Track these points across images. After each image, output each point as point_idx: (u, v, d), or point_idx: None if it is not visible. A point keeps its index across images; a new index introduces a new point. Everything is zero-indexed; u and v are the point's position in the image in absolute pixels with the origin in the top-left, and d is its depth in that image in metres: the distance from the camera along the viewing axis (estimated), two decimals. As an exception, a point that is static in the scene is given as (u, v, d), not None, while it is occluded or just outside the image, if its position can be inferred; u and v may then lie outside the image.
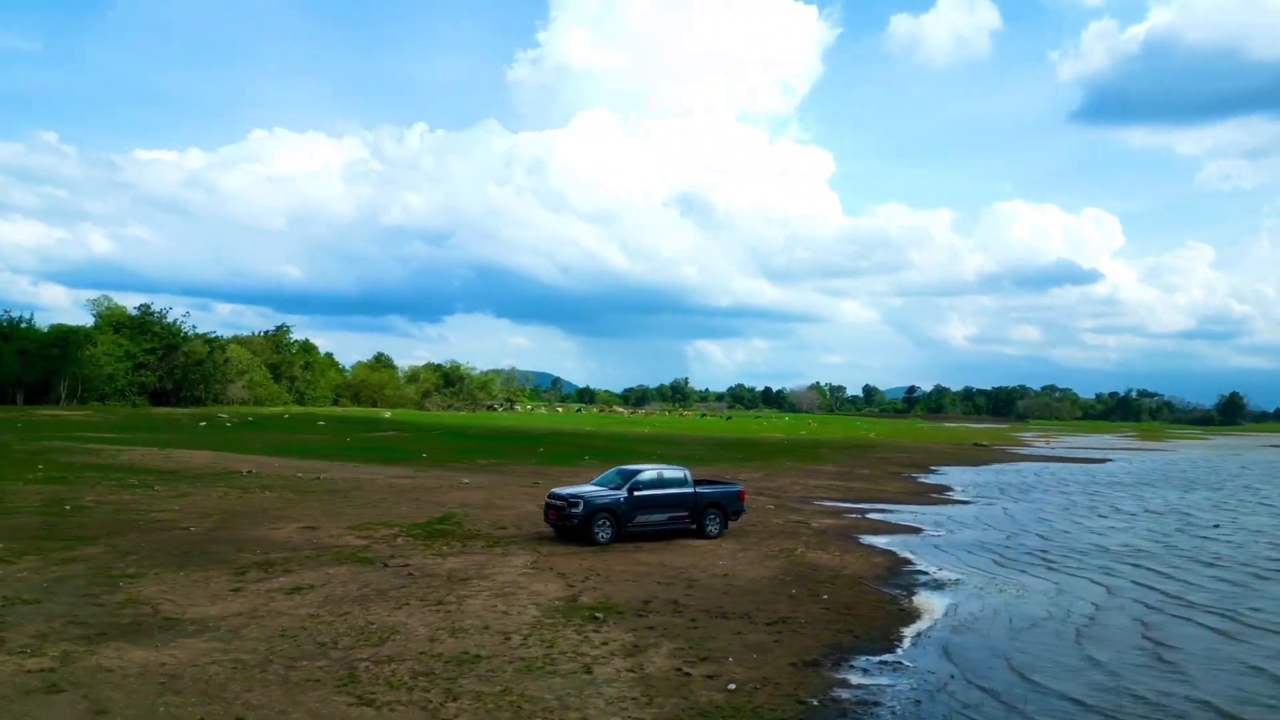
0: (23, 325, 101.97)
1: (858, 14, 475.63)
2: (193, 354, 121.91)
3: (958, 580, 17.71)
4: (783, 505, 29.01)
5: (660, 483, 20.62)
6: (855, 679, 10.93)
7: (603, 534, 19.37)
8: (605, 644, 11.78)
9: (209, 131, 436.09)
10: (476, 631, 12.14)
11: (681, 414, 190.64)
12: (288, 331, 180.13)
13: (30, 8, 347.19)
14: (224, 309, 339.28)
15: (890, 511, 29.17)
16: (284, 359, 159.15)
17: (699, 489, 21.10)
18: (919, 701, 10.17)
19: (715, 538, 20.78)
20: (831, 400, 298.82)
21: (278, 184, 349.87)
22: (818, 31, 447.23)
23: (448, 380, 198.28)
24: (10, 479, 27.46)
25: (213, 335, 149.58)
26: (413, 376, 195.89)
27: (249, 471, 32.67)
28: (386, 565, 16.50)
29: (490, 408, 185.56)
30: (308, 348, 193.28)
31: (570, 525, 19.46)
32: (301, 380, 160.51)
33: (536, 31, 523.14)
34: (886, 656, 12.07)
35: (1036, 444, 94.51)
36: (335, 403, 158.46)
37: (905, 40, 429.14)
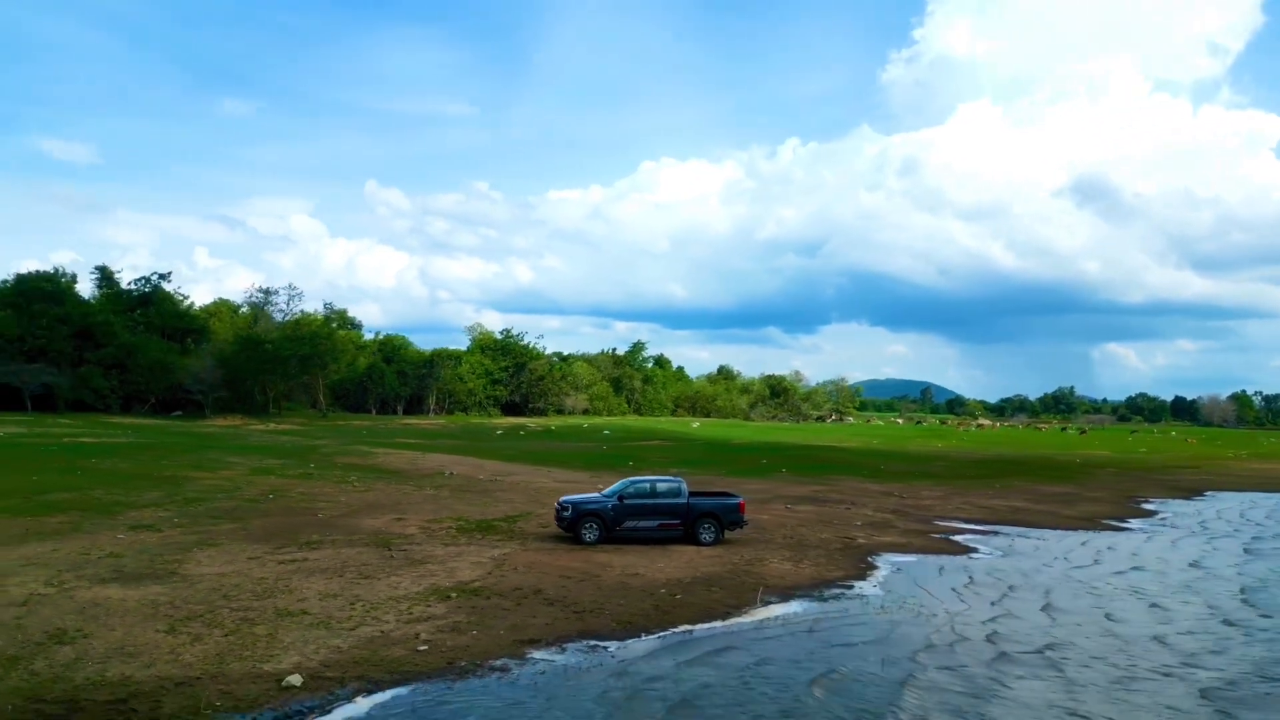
0: (401, 349, 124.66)
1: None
2: (536, 371, 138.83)
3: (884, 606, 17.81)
4: (862, 522, 28.90)
5: (651, 493, 22.75)
6: (543, 656, 12.98)
7: (589, 535, 22.05)
8: (417, 611, 14.91)
9: (607, 168, 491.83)
10: (342, 598, 15.90)
11: (1039, 427, 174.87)
12: (642, 348, 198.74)
13: (469, 81, 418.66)
14: (622, 327, 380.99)
15: (983, 534, 27.73)
16: (625, 373, 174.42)
17: (693, 500, 22.81)
18: None
19: (710, 545, 22.34)
20: (1263, 412, 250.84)
21: (663, 210, 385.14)
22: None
23: (774, 392, 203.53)
24: (267, 473, 36.63)
25: (560, 354, 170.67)
26: (745, 388, 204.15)
27: (451, 473, 39.53)
28: (390, 550, 20.82)
29: (820, 419, 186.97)
30: (661, 362, 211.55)
31: (564, 526, 22.43)
32: (641, 393, 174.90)
33: (912, 29, 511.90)
34: (592, 641, 13.77)
35: None
36: (674, 413, 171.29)
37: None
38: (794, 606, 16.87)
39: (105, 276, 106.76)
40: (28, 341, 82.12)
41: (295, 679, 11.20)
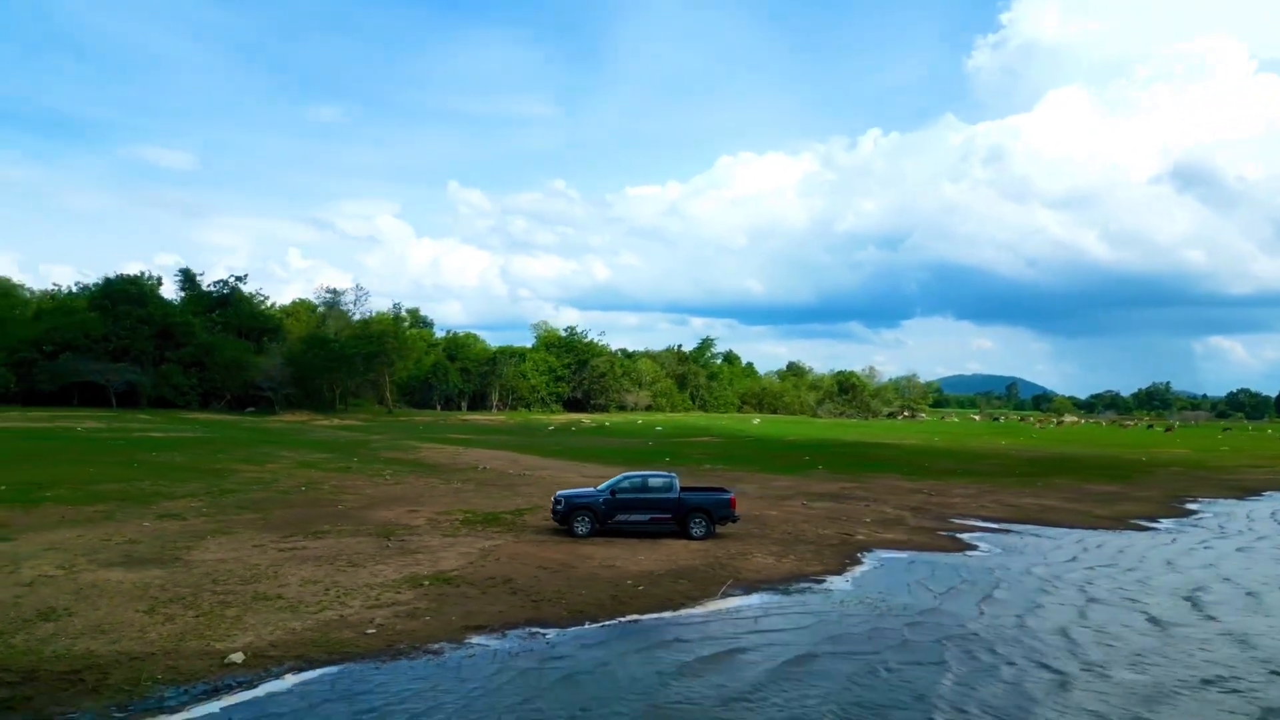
0: (465, 347, 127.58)
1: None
2: (597, 367, 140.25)
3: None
4: (877, 519, 28.82)
5: (642, 488, 23.25)
6: (484, 639, 13.68)
7: (581, 528, 22.70)
8: (385, 598, 15.80)
9: (683, 164, 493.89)
10: (321, 584, 16.90)
11: (1124, 424, 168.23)
12: (710, 344, 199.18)
13: (549, 80, 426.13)
14: (698, 323, 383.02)
15: (992, 531, 27.39)
16: (689, 370, 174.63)
17: (684, 495, 23.22)
18: None
19: (700, 539, 22.75)
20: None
21: (740, 205, 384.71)
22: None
23: (842, 388, 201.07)
24: (310, 466, 38.37)
25: (625, 350, 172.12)
26: (814, 384, 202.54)
27: (485, 468, 40.73)
28: (389, 540, 21.83)
29: (892, 415, 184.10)
30: (730, 358, 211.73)
31: (558, 519, 23.13)
32: (706, 389, 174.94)
33: (999, 14, 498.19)
34: (536, 628, 14.37)
35: None
36: (740, 409, 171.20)
37: None
38: (753, 599, 17.19)
39: (188, 279, 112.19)
40: (113, 341, 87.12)
41: (238, 657, 12.13)
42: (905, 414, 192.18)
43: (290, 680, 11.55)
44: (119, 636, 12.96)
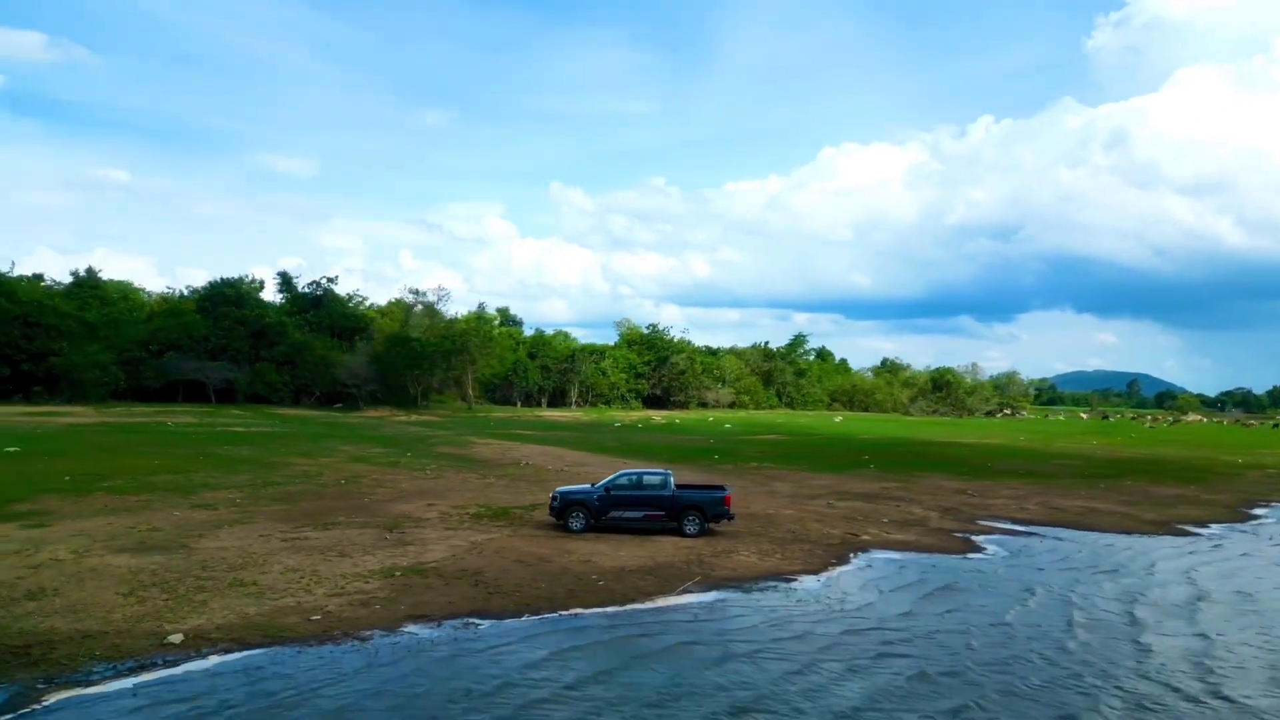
0: (546, 345, 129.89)
1: None
2: (677, 364, 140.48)
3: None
4: (901, 519, 28.28)
5: (637, 485, 23.52)
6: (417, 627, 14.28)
7: (575, 523, 23.15)
8: (351, 587, 16.63)
9: (785, 157, 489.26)
10: (301, 572, 17.86)
11: (1247, 424, 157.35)
12: (803, 340, 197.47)
13: (650, 78, 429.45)
14: (801, 318, 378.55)
15: (1007, 531, 26.53)
16: (775, 367, 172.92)
17: (679, 492, 23.38)
18: None
19: (694, 536, 22.89)
20: None
21: (844, 197, 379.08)
22: None
23: (936, 385, 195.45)
24: (362, 460, 40.07)
25: (709, 348, 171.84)
26: (908, 381, 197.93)
27: (527, 464, 41.69)
28: (390, 532, 22.75)
29: (990, 414, 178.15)
30: (823, 355, 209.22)
31: (554, 515, 23.64)
32: (794, 386, 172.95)
33: None
34: (474, 619, 14.85)
35: None
36: (829, 407, 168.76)
37: None
38: (709, 596, 17.31)
39: (285, 281, 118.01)
40: (212, 341, 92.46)
41: (177, 638, 13.06)
42: (1006, 412, 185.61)
43: (212, 661, 12.38)
44: (86, 616, 14.10)
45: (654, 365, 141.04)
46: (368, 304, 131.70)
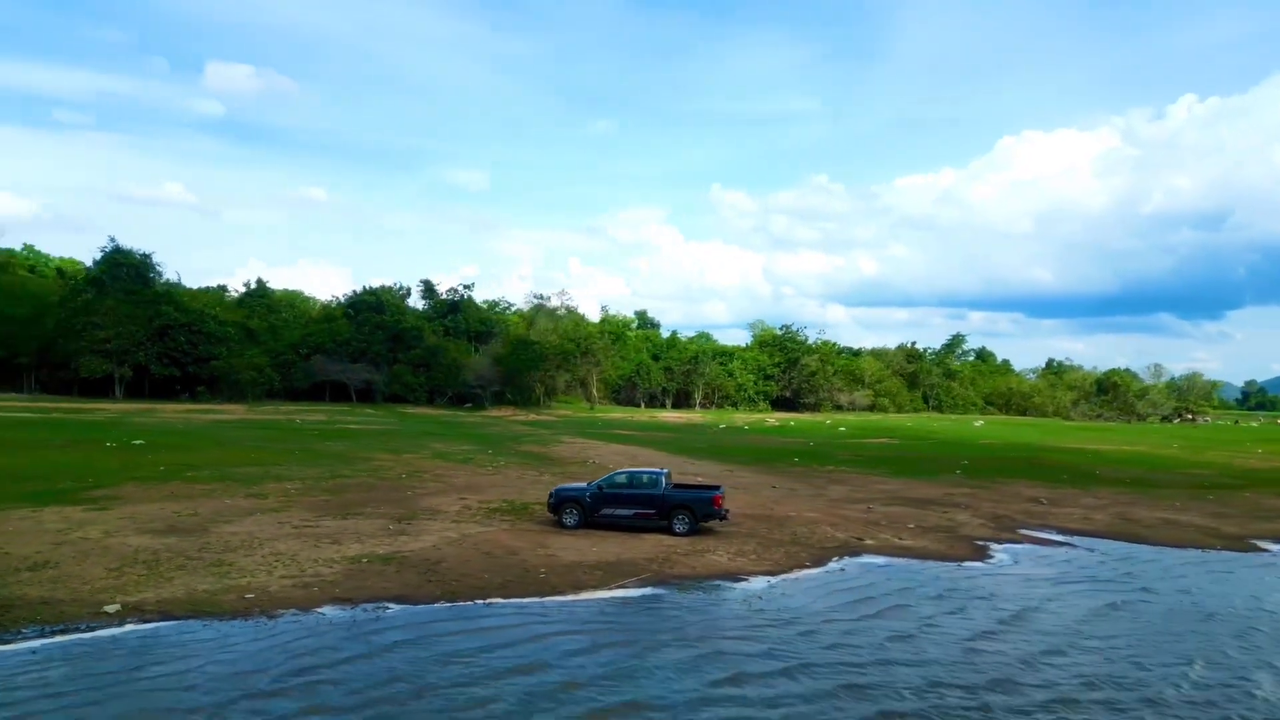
0: (669, 347, 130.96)
1: None
2: (808, 366, 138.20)
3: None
4: (929, 527, 27.13)
5: (630, 484, 23.85)
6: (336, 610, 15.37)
7: (568, 520, 23.77)
8: (311, 571, 18.01)
9: (959, 149, 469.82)
10: (283, 556, 19.40)
11: None
12: (961, 341, 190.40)
13: (816, 76, 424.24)
14: (977, 317, 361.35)
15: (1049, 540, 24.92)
16: (920, 368, 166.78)
17: (669, 492, 23.53)
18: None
19: (683, 535, 23.01)
20: None
21: (1025, 188, 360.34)
22: None
23: (1101, 388, 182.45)
24: (441, 456, 42.28)
25: (850, 349, 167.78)
26: (1071, 385, 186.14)
27: (592, 462, 42.65)
28: (400, 523, 24.19)
29: (1166, 419, 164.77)
30: (983, 355, 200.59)
31: (551, 511, 24.35)
32: (942, 389, 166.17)
33: None
34: (391, 604, 15.71)
35: None
36: (983, 410, 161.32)
37: None
38: (637, 592, 17.56)
39: (428, 289, 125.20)
40: (354, 344, 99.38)
41: (113, 608, 14.69)
42: (1187, 416, 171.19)
43: (128, 628, 13.89)
44: (61, 586, 16.04)
45: (784, 367, 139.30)
46: (513, 309, 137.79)
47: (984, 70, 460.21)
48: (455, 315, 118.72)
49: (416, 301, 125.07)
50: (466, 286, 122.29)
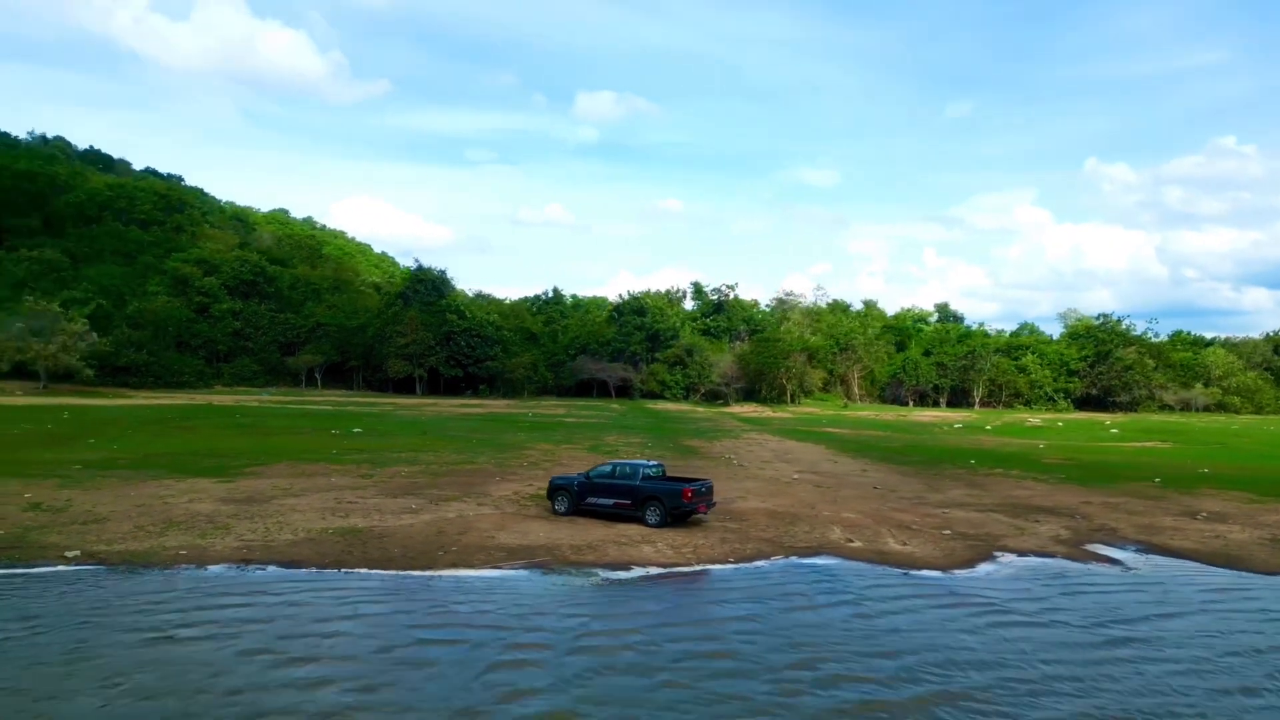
0: (940, 341, 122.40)
1: None
2: (1122, 360, 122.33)
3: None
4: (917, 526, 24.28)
5: (612, 474, 24.33)
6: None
7: (559, 506, 24.86)
8: (277, 537, 21.20)
9: None
10: (281, 523, 22.79)
11: None
12: None
13: (1216, 20, 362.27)
14: None
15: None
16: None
17: (643, 483, 23.65)
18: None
19: (655, 526, 23.12)
20: None
21: None
22: None
23: None
24: (598, 449, 44.85)
25: (1202, 339, 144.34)
26: None
27: (730, 457, 42.65)
28: (432, 504, 26.78)
29: None
30: None
31: (548, 498, 25.59)
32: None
33: None
34: (283, 566, 18.07)
35: None
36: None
37: None
38: (497, 572, 18.43)
39: (697, 290, 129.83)
40: (613, 345, 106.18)
41: (72, 553, 18.72)
42: None
43: (58, 568, 17.68)
44: (79, 535, 20.45)
45: (1091, 361, 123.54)
46: (797, 305, 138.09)
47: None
48: (718, 315, 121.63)
49: (688, 304, 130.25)
50: (730, 287, 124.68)
